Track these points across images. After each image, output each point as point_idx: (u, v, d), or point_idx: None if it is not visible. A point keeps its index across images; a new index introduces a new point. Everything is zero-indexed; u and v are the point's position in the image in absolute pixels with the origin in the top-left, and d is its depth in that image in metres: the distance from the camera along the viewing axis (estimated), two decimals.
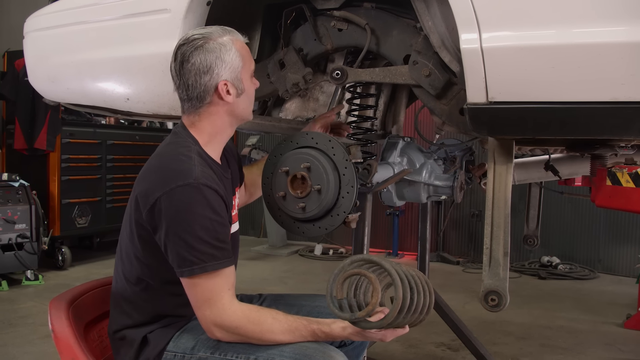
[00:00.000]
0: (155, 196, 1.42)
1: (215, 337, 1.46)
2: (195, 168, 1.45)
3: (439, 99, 1.79)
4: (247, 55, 1.60)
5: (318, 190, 1.69)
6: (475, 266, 5.71)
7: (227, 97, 1.55)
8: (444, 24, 1.73)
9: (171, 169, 1.46)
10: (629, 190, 2.27)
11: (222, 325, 1.44)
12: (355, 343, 1.78)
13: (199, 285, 1.43)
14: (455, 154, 2.55)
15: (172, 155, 1.50)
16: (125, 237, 1.59)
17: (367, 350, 1.95)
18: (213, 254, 1.42)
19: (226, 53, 1.53)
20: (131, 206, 1.52)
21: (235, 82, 1.55)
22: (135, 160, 5.93)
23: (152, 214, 1.44)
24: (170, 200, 1.41)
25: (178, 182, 1.41)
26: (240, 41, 1.59)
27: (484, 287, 1.66)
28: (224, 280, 1.45)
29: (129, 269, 1.58)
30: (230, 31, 1.58)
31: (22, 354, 3.22)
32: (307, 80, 1.97)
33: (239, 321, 1.44)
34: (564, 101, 1.38)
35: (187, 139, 1.56)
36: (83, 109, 2.42)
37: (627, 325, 3.85)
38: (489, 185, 1.68)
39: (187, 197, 1.41)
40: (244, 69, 1.57)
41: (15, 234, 4.68)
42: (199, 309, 1.45)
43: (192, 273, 1.41)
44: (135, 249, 1.54)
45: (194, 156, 1.49)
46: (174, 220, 1.41)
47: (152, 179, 1.47)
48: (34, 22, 2.30)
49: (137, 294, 1.57)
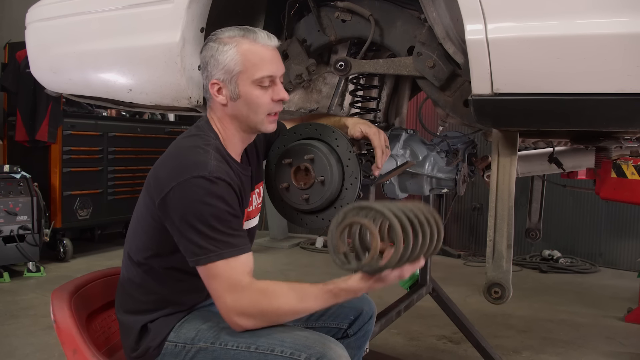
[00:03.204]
0: (169, 185, 1.42)
1: (241, 327, 1.45)
2: (211, 161, 1.45)
3: (443, 91, 1.78)
4: (256, 61, 1.51)
5: (321, 182, 1.69)
6: (477, 259, 5.71)
7: (218, 98, 1.54)
8: (449, 15, 1.72)
9: (188, 159, 1.46)
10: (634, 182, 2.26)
11: (243, 310, 1.42)
12: (358, 334, 1.79)
13: (218, 273, 1.42)
14: (458, 146, 2.54)
15: (191, 147, 1.50)
16: (135, 220, 1.60)
17: (369, 343, 1.95)
18: (229, 242, 1.42)
19: (222, 54, 1.51)
20: (146, 190, 1.53)
21: (229, 84, 1.53)
22: (136, 152, 5.92)
23: (165, 203, 1.44)
24: (183, 191, 1.41)
25: (193, 173, 1.41)
26: (253, 44, 1.52)
27: (487, 280, 1.66)
28: (242, 265, 1.45)
29: (135, 252, 1.59)
30: (248, 32, 1.53)
31: (24, 345, 3.23)
32: (311, 71, 1.96)
33: (257, 299, 1.42)
34: (570, 93, 1.37)
35: (208, 133, 1.57)
36: (85, 100, 2.41)
37: (628, 319, 3.85)
38: (492, 177, 1.68)
39: (201, 189, 1.41)
40: (243, 74, 1.51)
41: (17, 226, 4.68)
42: (219, 299, 1.43)
43: (209, 260, 1.41)
44: (143, 233, 1.56)
45: (211, 150, 1.49)
46: (188, 211, 1.41)
47: (169, 167, 1.48)
48: (35, 12, 2.30)
49: (142, 277, 1.58)
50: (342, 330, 1.78)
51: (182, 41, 1.83)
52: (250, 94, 1.53)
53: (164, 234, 1.49)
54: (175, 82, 1.88)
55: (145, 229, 1.55)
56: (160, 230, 1.50)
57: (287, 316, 1.47)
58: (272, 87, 1.56)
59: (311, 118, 1.94)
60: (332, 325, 1.78)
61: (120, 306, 1.64)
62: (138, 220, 1.59)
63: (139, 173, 5.91)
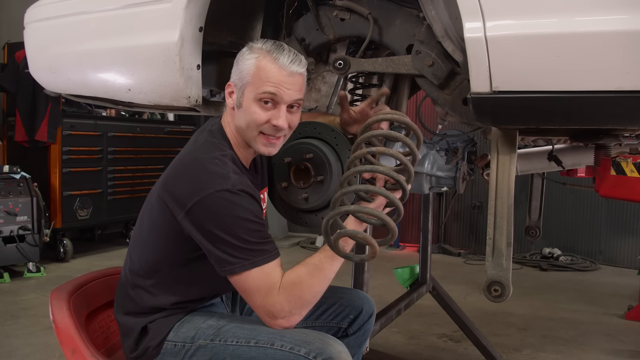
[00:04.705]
0: (193, 200, 1.42)
1: (284, 327, 1.46)
2: (231, 174, 1.45)
3: (442, 89, 1.78)
4: (265, 77, 1.50)
5: (321, 181, 1.69)
6: (477, 258, 5.72)
7: (229, 100, 1.57)
8: (447, 13, 1.71)
9: (208, 172, 1.45)
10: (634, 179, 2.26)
11: (282, 310, 1.44)
12: (357, 332, 1.79)
13: (254, 280, 1.43)
14: (458, 145, 2.54)
15: (209, 159, 1.48)
16: (147, 227, 1.59)
17: (370, 341, 1.95)
18: (262, 249, 1.44)
19: (243, 61, 1.54)
20: (160, 199, 1.52)
21: (238, 91, 1.55)
22: (136, 152, 5.92)
23: (190, 217, 1.44)
24: (209, 205, 1.41)
25: (216, 187, 1.41)
26: (272, 62, 1.50)
27: (487, 278, 1.65)
28: (274, 268, 1.46)
29: (146, 259, 1.58)
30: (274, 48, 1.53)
31: (24, 346, 3.23)
32: (310, 70, 1.96)
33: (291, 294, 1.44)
34: (569, 90, 1.36)
35: (222, 141, 1.57)
36: (84, 100, 2.41)
37: (629, 316, 3.85)
38: (492, 175, 1.67)
39: (227, 202, 1.41)
40: (250, 86, 1.52)
41: (16, 226, 4.68)
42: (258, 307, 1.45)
43: (244, 268, 1.42)
44: (159, 241, 1.55)
45: (228, 162, 1.49)
46: (216, 224, 1.41)
47: (188, 180, 1.46)
48: (34, 12, 2.29)
49: (149, 284, 1.58)
50: (342, 329, 1.78)
51: (181, 40, 1.82)
52: (249, 107, 1.53)
53: (183, 247, 1.50)
54: (174, 81, 1.87)
55: (162, 239, 1.54)
56: (180, 243, 1.50)
57: (320, 291, 1.48)
58: (275, 110, 1.53)
59: (310, 117, 1.94)
60: (332, 324, 1.78)
61: (120, 307, 1.64)
62: (151, 228, 1.57)
63: (139, 173, 5.91)
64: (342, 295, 1.81)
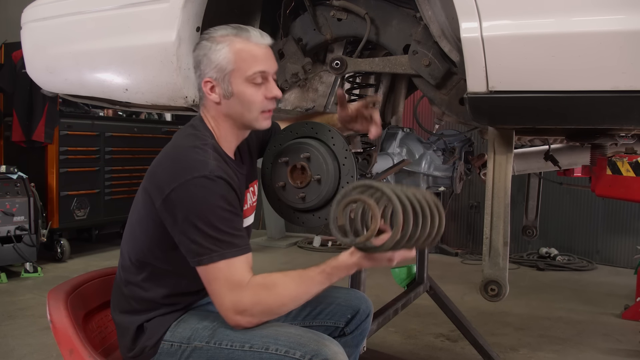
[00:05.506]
0: (171, 187, 1.43)
1: (242, 326, 1.45)
2: (210, 161, 1.46)
3: (439, 89, 1.79)
4: (248, 59, 1.52)
5: (318, 180, 1.69)
6: (474, 257, 5.72)
7: (212, 96, 1.55)
8: (444, 13, 1.72)
9: (187, 160, 1.46)
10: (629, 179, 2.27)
11: (244, 307, 1.43)
12: (355, 332, 1.79)
13: (219, 273, 1.42)
14: (455, 144, 2.55)
15: (189, 147, 1.50)
16: (133, 220, 1.60)
17: (367, 341, 1.95)
18: (231, 242, 1.43)
19: (214, 53, 1.52)
20: (144, 190, 1.53)
21: (221, 83, 1.54)
22: (133, 152, 5.92)
23: (166, 205, 1.44)
24: (185, 192, 1.42)
25: (194, 173, 1.42)
26: (245, 43, 1.53)
27: (483, 277, 1.66)
28: (243, 264, 1.45)
29: (133, 252, 1.59)
30: (240, 31, 1.54)
31: (21, 346, 3.22)
32: (307, 70, 1.97)
33: (257, 294, 1.43)
34: (565, 90, 1.37)
35: (204, 132, 1.57)
36: (81, 100, 2.41)
37: (625, 316, 3.86)
38: (488, 175, 1.68)
39: (202, 189, 1.41)
40: (236, 72, 1.52)
41: (13, 226, 4.67)
42: (219, 298, 1.43)
43: (211, 260, 1.41)
44: (142, 233, 1.56)
45: (209, 150, 1.50)
46: (190, 211, 1.41)
47: (168, 169, 1.48)
48: (31, 12, 2.29)
49: (139, 278, 1.58)
50: (339, 329, 1.78)
51: (178, 41, 1.83)
52: (243, 92, 1.54)
53: (163, 235, 1.49)
54: (172, 81, 1.88)
55: (144, 229, 1.55)
56: (160, 231, 1.50)
57: (288, 305, 1.47)
58: (265, 85, 1.56)
59: (307, 117, 1.94)
60: (329, 323, 1.78)
61: (115, 306, 1.64)
62: (136, 221, 1.59)
63: (136, 173, 5.90)
64: (339, 295, 1.81)
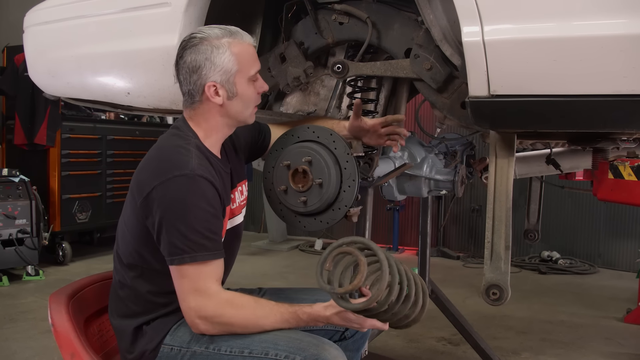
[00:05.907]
0: (152, 185, 1.45)
1: (199, 330, 1.47)
2: (192, 160, 1.47)
3: (441, 93, 1.79)
4: (247, 60, 1.57)
5: (319, 184, 1.69)
6: (476, 261, 5.71)
7: (216, 99, 1.55)
8: (446, 17, 1.72)
9: (168, 159, 1.48)
10: (631, 183, 2.26)
11: (206, 315, 1.44)
12: (355, 336, 1.78)
13: (187, 275, 1.44)
14: (456, 148, 2.55)
15: (171, 147, 1.53)
16: (122, 224, 1.61)
17: (368, 345, 1.95)
18: (204, 245, 1.44)
19: (218, 56, 1.53)
20: (130, 191, 1.56)
21: (226, 84, 1.55)
22: (135, 155, 5.90)
23: (147, 203, 1.46)
24: (165, 190, 1.43)
25: (174, 172, 1.44)
26: (241, 44, 1.56)
27: (485, 281, 1.66)
28: (212, 271, 1.46)
29: (124, 254, 1.59)
30: (233, 33, 1.57)
31: (23, 349, 3.22)
32: (308, 74, 1.97)
33: (222, 308, 1.45)
34: (566, 94, 1.37)
35: (187, 132, 1.58)
36: (83, 103, 2.41)
37: (627, 319, 3.85)
38: (490, 179, 1.68)
39: (182, 188, 1.43)
40: (240, 73, 1.55)
41: (15, 230, 4.68)
42: (184, 300, 1.45)
43: (182, 261, 1.43)
44: (130, 235, 1.56)
45: (192, 149, 1.51)
46: (168, 209, 1.43)
47: (150, 169, 1.50)
48: (33, 16, 2.30)
49: (132, 280, 1.58)
50: (339, 333, 1.78)
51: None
52: (245, 91, 1.58)
53: (149, 235, 1.50)
54: (173, 85, 1.88)
55: (131, 231, 1.56)
56: (145, 231, 1.51)
57: (249, 329, 1.47)
58: (255, 82, 1.62)
59: (308, 121, 1.94)
60: (329, 327, 1.78)
61: (113, 311, 1.64)
62: (125, 223, 1.60)
63: None
64: None
